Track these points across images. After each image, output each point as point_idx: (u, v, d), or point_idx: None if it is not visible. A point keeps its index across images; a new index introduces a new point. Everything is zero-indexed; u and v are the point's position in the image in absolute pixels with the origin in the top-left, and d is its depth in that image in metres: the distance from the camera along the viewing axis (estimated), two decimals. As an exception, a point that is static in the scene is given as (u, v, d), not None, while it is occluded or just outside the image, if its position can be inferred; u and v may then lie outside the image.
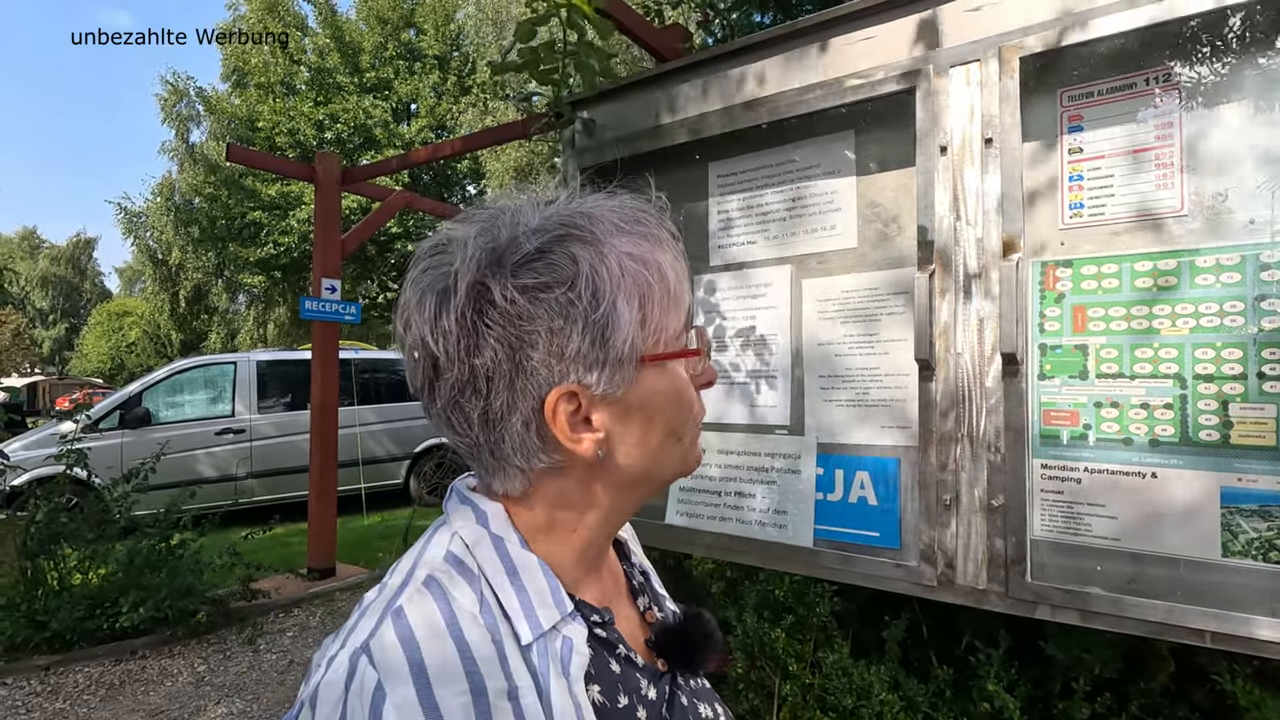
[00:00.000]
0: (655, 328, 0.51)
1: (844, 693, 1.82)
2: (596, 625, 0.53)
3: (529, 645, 0.48)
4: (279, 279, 15.59)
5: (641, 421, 0.52)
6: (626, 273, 0.49)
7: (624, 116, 2.06)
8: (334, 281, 4.74)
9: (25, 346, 29.45)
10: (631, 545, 0.70)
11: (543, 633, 0.49)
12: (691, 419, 0.55)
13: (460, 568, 0.50)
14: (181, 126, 17.68)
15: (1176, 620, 1.25)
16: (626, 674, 0.55)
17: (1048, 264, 1.44)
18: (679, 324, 0.53)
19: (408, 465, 7.61)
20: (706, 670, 0.62)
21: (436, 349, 0.48)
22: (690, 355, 0.54)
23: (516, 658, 0.47)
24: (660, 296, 0.51)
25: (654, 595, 0.67)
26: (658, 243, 0.52)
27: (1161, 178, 1.34)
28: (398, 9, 15.75)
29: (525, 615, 0.49)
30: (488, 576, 0.50)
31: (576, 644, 0.50)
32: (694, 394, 0.55)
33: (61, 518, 3.78)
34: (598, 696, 0.51)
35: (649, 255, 0.51)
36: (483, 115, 15.37)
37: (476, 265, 0.48)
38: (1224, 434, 1.26)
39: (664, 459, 0.54)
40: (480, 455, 0.52)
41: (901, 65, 1.58)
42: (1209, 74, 1.31)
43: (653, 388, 0.51)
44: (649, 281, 0.50)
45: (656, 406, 0.52)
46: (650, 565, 0.72)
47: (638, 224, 0.52)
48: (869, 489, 1.65)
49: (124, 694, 3.26)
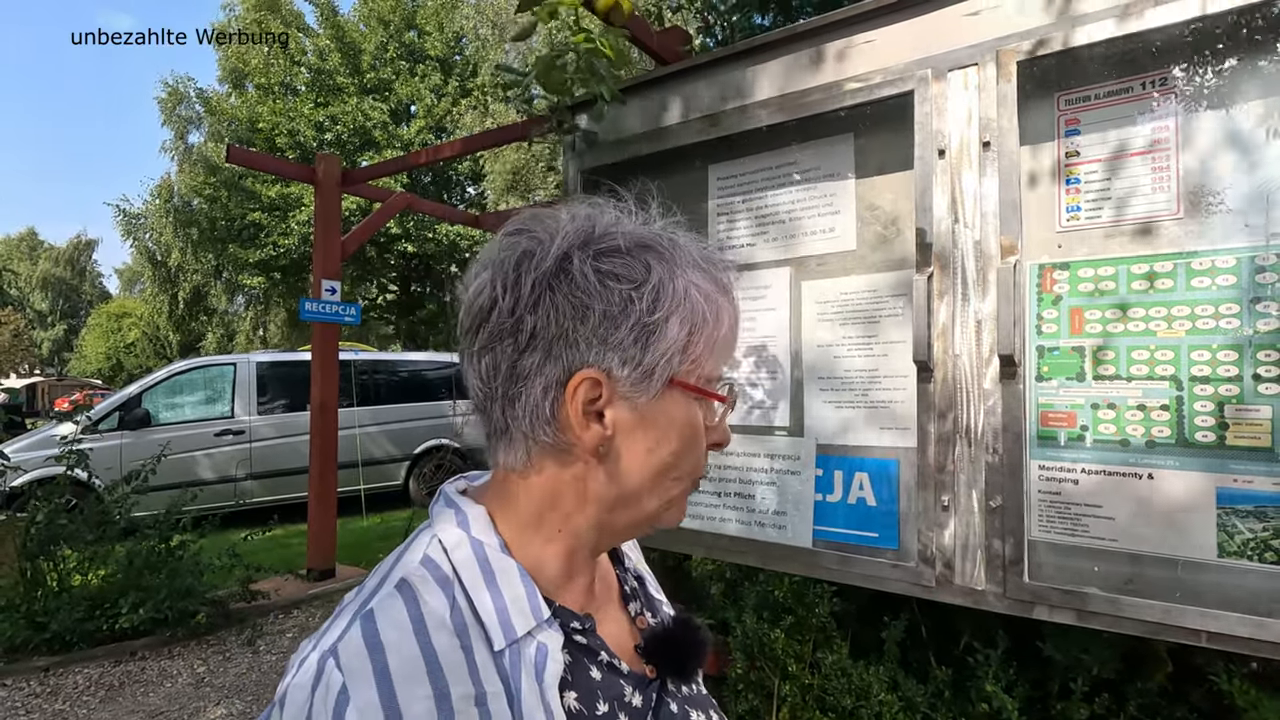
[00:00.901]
0: (696, 359, 0.53)
1: (843, 693, 1.83)
2: (576, 632, 0.53)
3: (501, 651, 0.48)
4: (278, 280, 15.58)
5: (649, 439, 0.53)
6: (689, 299, 0.52)
7: (624, 119, 2.07)
8: (334, 283, 4.74)
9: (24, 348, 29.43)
10: (627, 549, 0.70)
11: (516, 639, 0.49)
12: (692, 464, 0.55)
13: (435, 571, 0.50)
14: (181, 128, 17.69)
15: (1173, 620, 1.25)
16: (608, 681, 0.54)
17: (1045, 266, 1.45)
18: (716, 370, 0.55)
19: (407, 466, 7.62)
20: (696, 676, 0.62)
21: (500, 296, 0.51)
22: (716, 398, 0.55)
23: (488, 663, 0.47)
24: (710, 333, 0.53)
25: (648, 600, 0.66)
26: (724, 289, 0.55)
27: (1157, 181, 1.35)
28: (399, 10, 15.77)
29: (499, 621, 0.49)
30: (463, 581, 0.50)
31: (551, 650, 0.50)
32: (704, 443, 0.56)
33: (61, 519, 3.78)
34: (574, 704, 0.51)
35: (713, 295, 0.54)
36: (483, 117, 15.39)
37: (568, 240, 0.51)
38: (1220, 435, 1.27)
39: (654, 489, 0.54)
40: (491, 412, 0.53)
41: (900, 69, 1.59)
42: (1205, 78, 1.32)
43: (671, 413, 0.53)
44: (705, 316, 0.53)
45: (667, 433, 0.53)
46: (647, 570, 0.72)
47: (713, 266, 0.55)
48: (868, 490, 1.66)
49: (124, 695, 3.26)
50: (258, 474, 6.66)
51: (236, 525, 4.99)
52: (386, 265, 16.23)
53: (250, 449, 6.65)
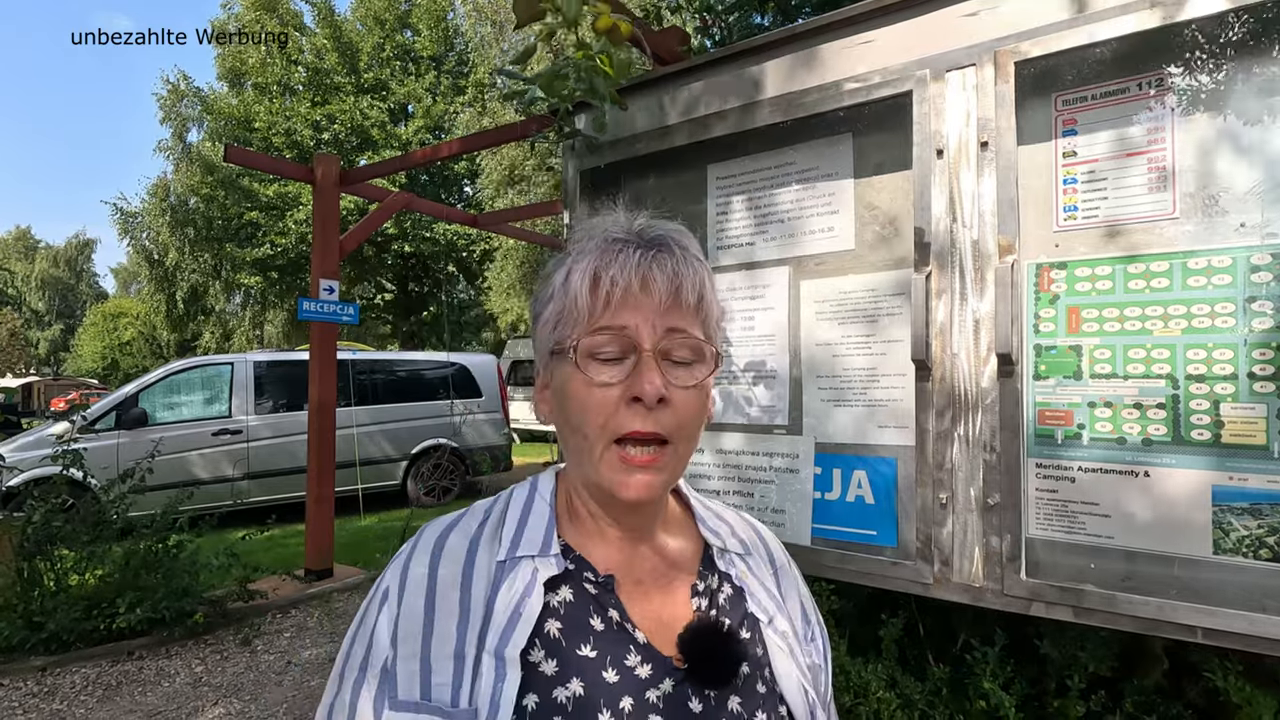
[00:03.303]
0: (560, 328, 0.62)
1: (841, 691, 1.83)
2: (588, 580, 0.61)
3: (502, 562, 0.60)
4: (276, 280, 15.55)
5: (557, 404, 0.64)
6: (565, 284, 0.61)
7: (623, 119, 2.08)
8: (332, 282, 4.74)
9: (20, 347, 29.32)
10: (742, 564, 0.69)
11: (516, 556, 0.61)
12: (596, 423, 0.59)
13: (487, 505, 0.66)
14: (180, 126, 17.62)
15: (1168, 617, 1.26)
16: (610, 635, 0.59)
17: (1042, 266, 1.46)
18: (587, 331, 0.60)
19: (405, 466, 7.61)
20: (727, 684, 0.60)
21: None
22: (561, 353, 0.61)
23: (484, 567, 0.60)
24: (563, 302, 0.61)
25: (727, 607, 0.65)
26: (583, 253, 0.62)
27: (1154, 181, 1.36)
28: (393, 9, 15.74)
29: (511, 541, 0.62)
30: (508, 510, 0.65)
31: (540, 575, 0.60)
32: (603, 400, 0.59)
33: (58, 519, 3.77)
34: (555, 631, 0.58)
35: (576, 267, 0.61)
36: (480, 116, 15.38)
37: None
38: (1215, 433, 1.28)
39: (574, 445, 0.62)
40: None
41: (899, 69, 1.60)
42: (1202, 79, 1.33)
43: (559, 379, 0.62)
44: (561, 290, 0.61)
45: (560, 395, 0.63)
46: (764, 589, 0.69)
47: (590, 239, 0.62)
48: (866, 488, 1.67)
49: (121, 695, 3.26)
50: (255, 474, 6.65)
51: (234, 525, 4.99)
52: (384, 265, 16.22)
53: (248, 449, 6.64)
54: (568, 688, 0.55)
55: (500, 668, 0.55)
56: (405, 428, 7.57)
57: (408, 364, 8.18)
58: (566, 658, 0.57)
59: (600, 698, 0.56)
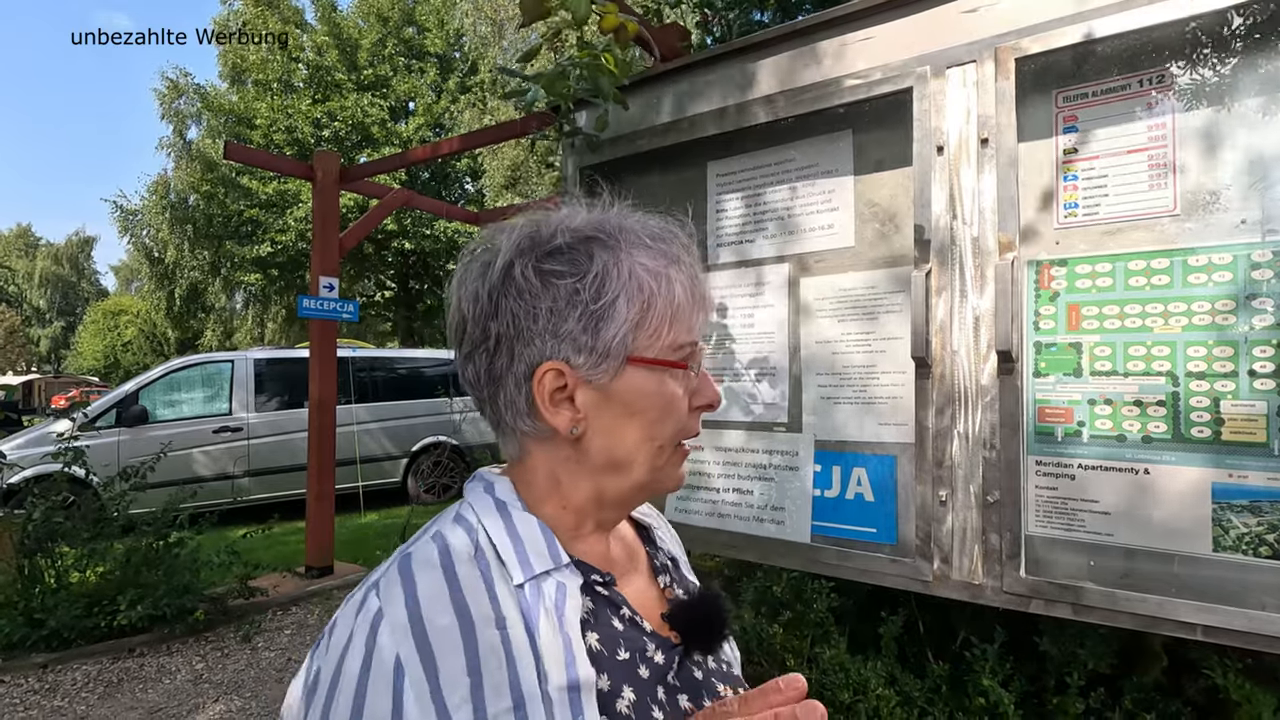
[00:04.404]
0: (654, 332, 0.56)
1: (841, 688, 1.84)
2: (597, 584, 0.58)
3: (520, 585, 0.53)
4: (276, 277, 15.53)
5: (620, 414, 0.56)
6: (634, 278, 0.55)
7: (623, 116, 2.07)
8: (332, 280, 4.73)
9: (21, 344, 29.34)
10: (660, 532, 0.74)
11: (534, 575, 0.54)
12: (673, 431, 0.58)
13: (463, 523, 0.56)
14: (179, 123, 17.59)
15: (1168, 614, 1.26)
16: (630, 634, 0.58)
17: (1042, 263, 1.45)
18: (681, 337, 0.57)
19: (405, 464, 7.61)
20: (719, 647, 0.64)
21: (466, 312, 0.57)
22: (674, 366, 0.57)
23: (507, 595, 0.52)
24: (663, 308, 0.56)
25: (679, 577, 0.69)
26: (674, 261, 0.58)
27: (1155, 178, 1.35)
28: (398, 6, 15.70)
29: (518, 560, 0.54)
30: (487, 529, 0.56)
31: (570, 589, 0.54)
32: (684, 409, 0.59)
33: (59, 516, 3.77)
34: (595, 644, 0.54)
35: (662, 269, 0.56)
36: (481, 114, 15.35)
37: (514, 249, 0.56)
38: (1215, 430, 1.28)
39: (638, 458, 0.57)
40: (485, 412, 0.60)
41: (899, 66, 1.59)
42: (1202, 76, 1.32)
43: (639, 387, 0.56)
44: (655, 290, 0.56)
45: (638, 406, 0.56)
46: (681, 553, 0.75)
47: (661, 241, 0.58)
48: (866, 486, 1.66)
49: (122, 691, 3.26)
50: (255, 471, 6.65)
51: (235, 522, 4.99)
52: (384, 262, 16.19)
53: (248, 446, 6.64)
54: (623, 698, 0.54)
55: (576, 701, 0.50)
56: (405, 425, 7.57)
57: (408, 361, 8.18)
58: (611, 668, 0.55)
59: (647, 696, 0.55)
